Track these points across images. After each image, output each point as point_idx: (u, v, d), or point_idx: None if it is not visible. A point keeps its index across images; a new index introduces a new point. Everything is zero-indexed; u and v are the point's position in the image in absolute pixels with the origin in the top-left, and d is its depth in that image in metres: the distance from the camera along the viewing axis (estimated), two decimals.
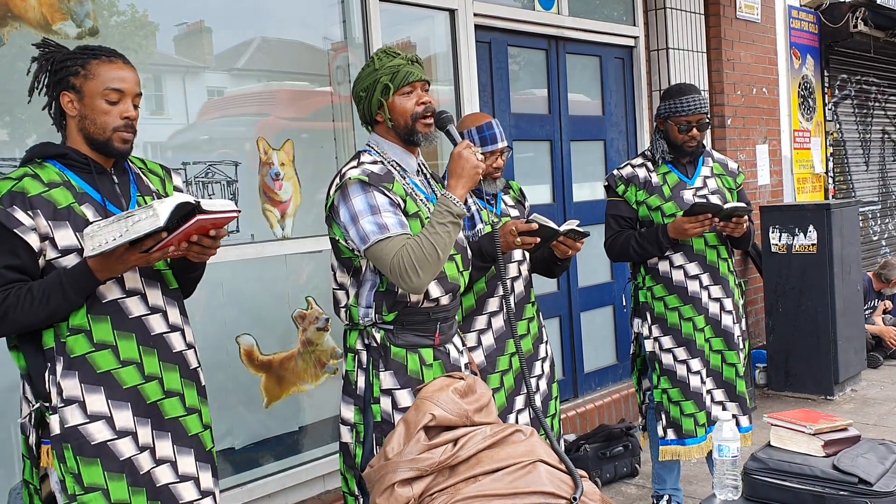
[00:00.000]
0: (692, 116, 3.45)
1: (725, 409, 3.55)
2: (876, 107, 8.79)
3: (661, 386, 3.55)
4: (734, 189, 3.65)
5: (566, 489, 2.01)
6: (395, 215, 2.34)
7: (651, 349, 3.58)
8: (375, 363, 2.41)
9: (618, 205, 3.60)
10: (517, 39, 4.84)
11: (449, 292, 2.47)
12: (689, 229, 3.34)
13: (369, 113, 2.48)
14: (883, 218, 8.92)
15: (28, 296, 1.97)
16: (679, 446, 3.54)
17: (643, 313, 3.60)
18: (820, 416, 2.50)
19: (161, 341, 2.13)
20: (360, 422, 2.45)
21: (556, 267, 3.06)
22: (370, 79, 2.44)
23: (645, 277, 3.59)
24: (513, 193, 3.19)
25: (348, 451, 2.49)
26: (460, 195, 2.36)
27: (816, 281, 5.70)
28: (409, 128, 2.43)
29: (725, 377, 3.56)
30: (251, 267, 3.56)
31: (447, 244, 2.31)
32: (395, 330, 2.41)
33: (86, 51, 2.10)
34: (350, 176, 2.36)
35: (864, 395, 5.86)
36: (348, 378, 2.48)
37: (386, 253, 2.28)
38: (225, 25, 3.54)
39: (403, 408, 2.37)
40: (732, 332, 3.56)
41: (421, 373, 2.41)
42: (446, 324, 2.50)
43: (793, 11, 7.09)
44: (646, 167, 3.59)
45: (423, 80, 2.46)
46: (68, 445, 1.99)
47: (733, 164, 3.73)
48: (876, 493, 2.20)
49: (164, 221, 1.84)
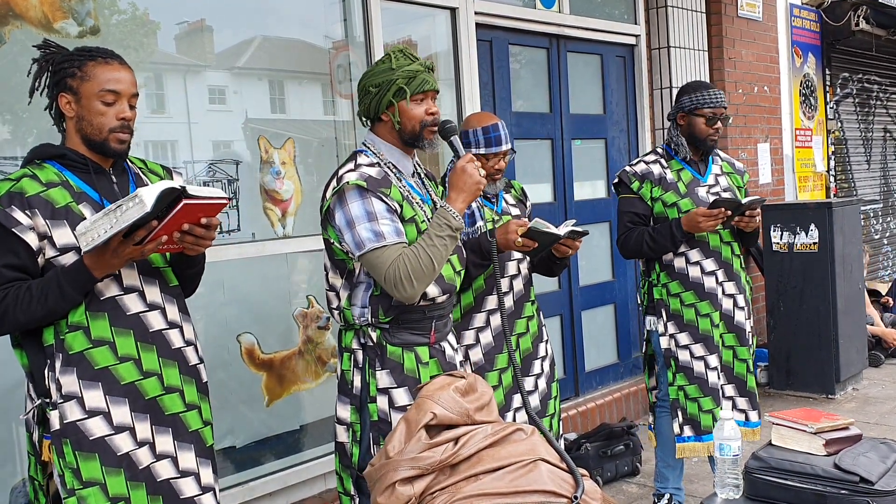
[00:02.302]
0: (718, 109, 3.48)
1: (736, 404, 3.56)
2: (877, 105, 8.78)
3: (678, 383, 3.53)
4: (742, 187, 3.68)
5: (567, 488, 2.01)
6: (392, 223, 2.33)
7: (666, 346, 3.56)
8: (371, 362, 2.41)
9: (632, 202, 3.57)
10: (518, 38, 4.84)
11: (446, 292, 2.48)
12: (702, 222, 3.34)
13: (375, 109, 2.45)
14: (884, 216, 8.91)
15: (27, 294, 1.98)
16: (697, 443, 3.54)
17: (658, 310, 3.58)
18: (821, 415, 2.50)
19: (160, 338, 2.14)
20: (356, 421, 2.44)
21: (555, 266, 3.06)
22: (384, 77, 2.41)
23: (660, 274, 3.57)
24: (514, 193, 3.19)
25: (344, 450, 2.48)
26: (459, 209, 2.38)
27: (818, 280, 5.70)
28: (415, 133, 2.43)
29: (737, 373, 3.57)
30: (252, 265, 3.56)
31: (443, 256, 2.33)
32: (390, 329, 2.41)
33: (83, 52, 2.11)
34: (348, 180, 2.35)
35: (866, 393, 5.85)
36: (344, 377, 2.47)
37: (382, 261, 2.29)
38: (226, 24, 3.54)
39: (400, 406, 2.37)
40: (745, 328, 3.57)
41: (417, 371, 2.41)
42: (441, 321, 2.50)
43: (794, 10, 7.08)
44: (659, 164, 3.58)
45: (436, 90, 2.46)
46: (67, 441, 2.00)
47: (739, 164, 3.77)
48: (877, 492, 2.19)
49: (151, 206, 1.84)
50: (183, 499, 2.13)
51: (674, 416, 3.57)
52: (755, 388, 3.62)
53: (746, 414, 3.58)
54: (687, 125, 3.54)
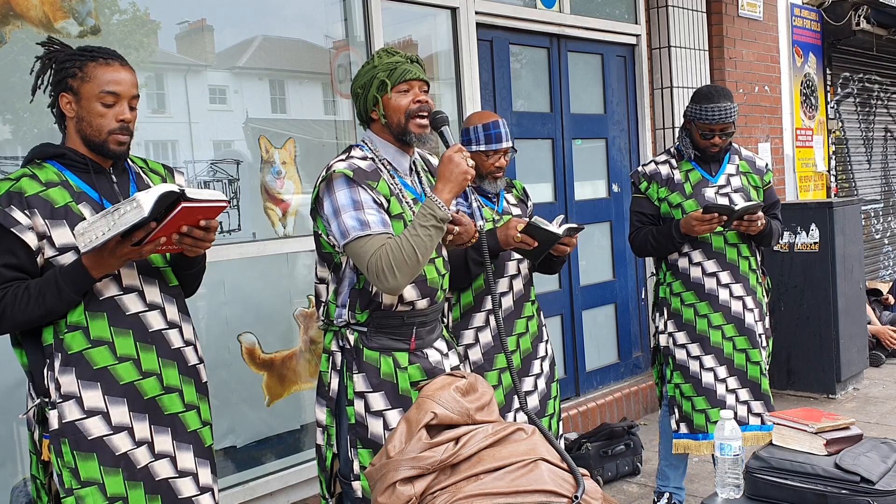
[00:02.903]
0: (715, 125, 3.42)
1: (751, 408, 3.53)
2: (878, 105, 8.77)
3: (675, 381, 3.56)
4: (761, 187, 3.60)
5: (568, 487, 2.01)
6: (378, 213, 2.31)
7: (665, 344, 3.59)
8: (349, 365, 2.38)
9: (640, 202, 3.62)
10: (519, 38, 4.84)
11: (426, 296, 2.42)
12: (696, 226, 3.35)
13: (365, 110, 2.46)
14: (885, 216, 8.91)
15: (25, 294, 1.98)
16: (691, 440, 3.54)
17: (661, 308, 3.62)
18: (822, 415, 2.50)
19: (159, 338, 2.14)
20: (331, 424, 2.42)
21: (554, 263, 3.06)
22: (368, 75, 2.43)
23: (666, 273, 3.60)
24: (515, 192, 3.19)
25: (321, 453, 2.47)
26: (446, 199, 2.31)
27: (819, 279, 5.70)
28: (401, 126, 2.40)
29: (750, 376, 3.53)
30: (253, 265, 3.56)
31: (427, 247, 2.27)
32: (368, 332, 2.38)
33: (84, 52, 2.11)
34: (336, 169, 2.34)
35: (867, 393, 5.85)
36: (321, 379, 2.45)
37: (365, 250, 2.26)
38: (227, 24, 3.54)
39: (375, 411, 2.34)
40: (755, 330, 3.53)
41: (395, 376, 2.37)
42: (424, 328, 2.45)
43: (795, 9, 7.08)
44: (669, 164, 3.59)
45: (422, 79, 2.43)
46: (65, 440, 2.00)
47: (761, 161, 3.67)
48: (878, 491, 2.19)
49: (149, 211, 1.85)
50: (181, 499, 2.14)
51: (671, 412, 3.60)
52: (769, 391, 3.57)
53: (762, 417, 3.53)
54: (690, 131, 3.54)
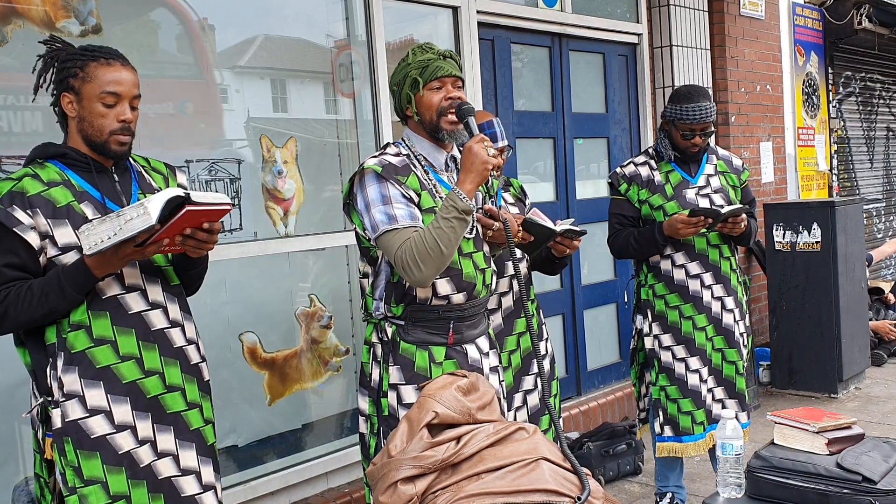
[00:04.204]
0: (696, 125, 3.42)
1: (725, 406, 3.57)
2: (880, 104, 8.76)
3: (660, 383, 3.57)
4: (738, 186, 3.63)
5: (569, 487, 2.01)
6: (407, 207, 2.34)
7: (650, 346, 3.59)
8: (386, 357, 2.42)
9: (620, 203, 3.60)
10: (520, 37, 4.83)
11: (462, 291, 2.43)
12: (681, 229, 3.36)
13: (399, 107, 2.50)
14: (887, 215, 8.90)
15: (27, 294, 1.98)
16: (676, 443, 3.56)
17: (644, 310, 3.62)
18: (824, 414, 2.50)
19: (161, 337, 2.14)
20: (373, 413, 2.47)
21: (555, 265, 3.08)
22: (401, 73, 2.45)
23: (647, 275, 3.60)
24: (513, 191, 3.20)
25: (364, 441, 2.52)
26: (468, 190, 2.31)
27: (820, 279, 5.69)
28: (433, 123, 2.43)
29: (725, 375, 3.58)
30: (254, 265, 3.56)
31: (451, 239, 2.27)
32: (405, 325, 2.42)
33: (85, 52, 2.11)
34: (366, 165, 2.40)
35: (869, 392, 5.84)
36: (363, 370, 2.50)
37: (392, 244, 2.30)
38: (228, 23, 3.54)
39: (407, 403, 2.37)
40: (733, 330, 3.57)
41: (429, 370, 2.40)
42: (463, 323, 2.46)
43: (797, 8, 7.07)
44: (648, 165, 3.58)
45: (455, 75, 2.43)
46: (68, 439, 2.01)
47: (738, 160, 3.71)
48: (880, 491, 2.19)
49: (156, 219, 1.86)
50: (184, 497, 2.14)
51: (655, 415, 3.60)
52: (745, 390, 3.62)
53: (736, 415, 3.55)
54: (669, 132, 3.54)
